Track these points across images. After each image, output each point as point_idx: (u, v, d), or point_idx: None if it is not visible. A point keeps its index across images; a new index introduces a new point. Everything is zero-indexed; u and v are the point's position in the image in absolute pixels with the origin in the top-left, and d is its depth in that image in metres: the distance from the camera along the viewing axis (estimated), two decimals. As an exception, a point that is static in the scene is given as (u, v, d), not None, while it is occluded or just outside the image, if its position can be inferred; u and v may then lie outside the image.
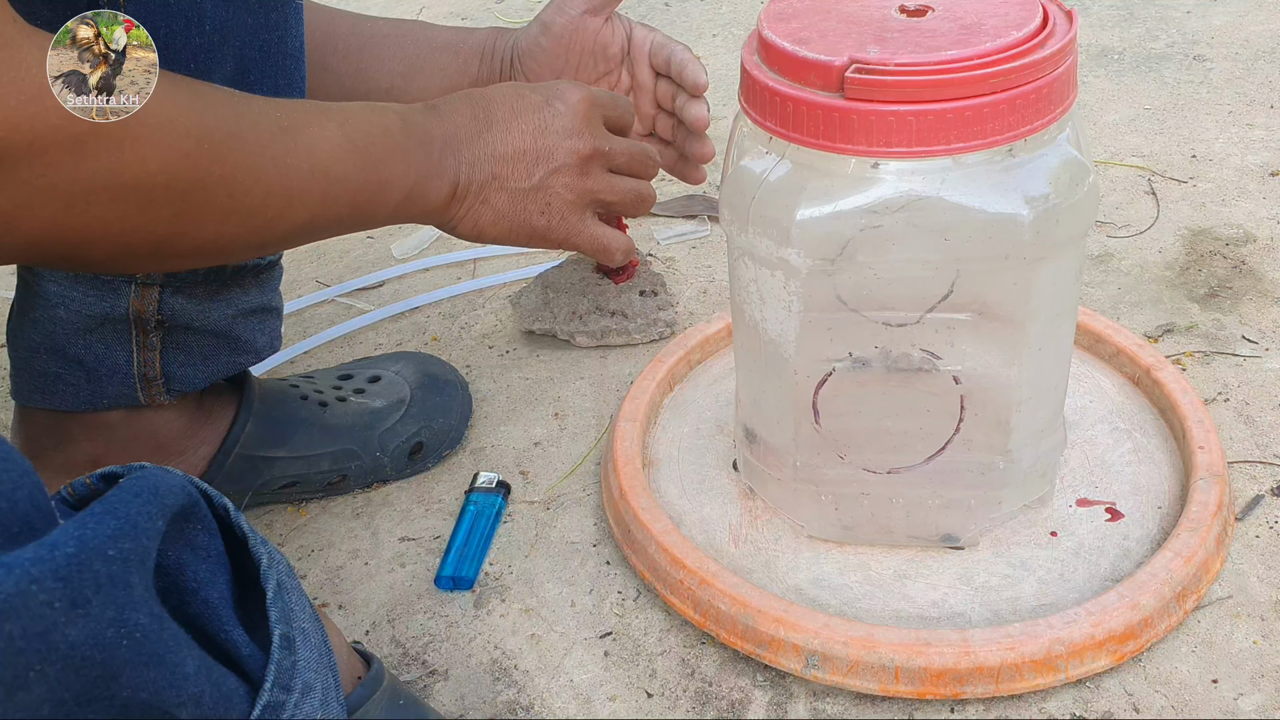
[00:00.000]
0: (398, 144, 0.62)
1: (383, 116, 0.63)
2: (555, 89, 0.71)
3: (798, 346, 0.66)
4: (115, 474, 0.43)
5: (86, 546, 0.35)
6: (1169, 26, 1.47)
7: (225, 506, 0.46)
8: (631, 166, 0.75)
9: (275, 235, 0.57)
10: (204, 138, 0.50)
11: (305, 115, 0.58)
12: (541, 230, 0.70)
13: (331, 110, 0.60)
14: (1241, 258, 1.02)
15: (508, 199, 0.68)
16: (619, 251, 0.76)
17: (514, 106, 0.69)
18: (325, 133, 0.58)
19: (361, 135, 0.60)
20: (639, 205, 0.76)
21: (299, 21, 0.71)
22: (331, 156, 0.57)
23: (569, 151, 0.70)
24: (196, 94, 0.51)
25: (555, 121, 0.70)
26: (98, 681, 0.35)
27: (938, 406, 0.67)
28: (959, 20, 0.59)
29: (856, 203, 0.60)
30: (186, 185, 0.49)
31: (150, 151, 0.47)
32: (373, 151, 0.60)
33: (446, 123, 0.66)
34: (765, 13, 0.63)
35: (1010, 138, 0.58)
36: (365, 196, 0.60)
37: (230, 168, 0.51)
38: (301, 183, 0.56)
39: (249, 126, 0.53)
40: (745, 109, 0.63)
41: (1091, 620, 0.64)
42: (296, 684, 0.43)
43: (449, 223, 0.68)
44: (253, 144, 0.53)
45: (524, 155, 0.68)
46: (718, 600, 0.68)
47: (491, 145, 0.67)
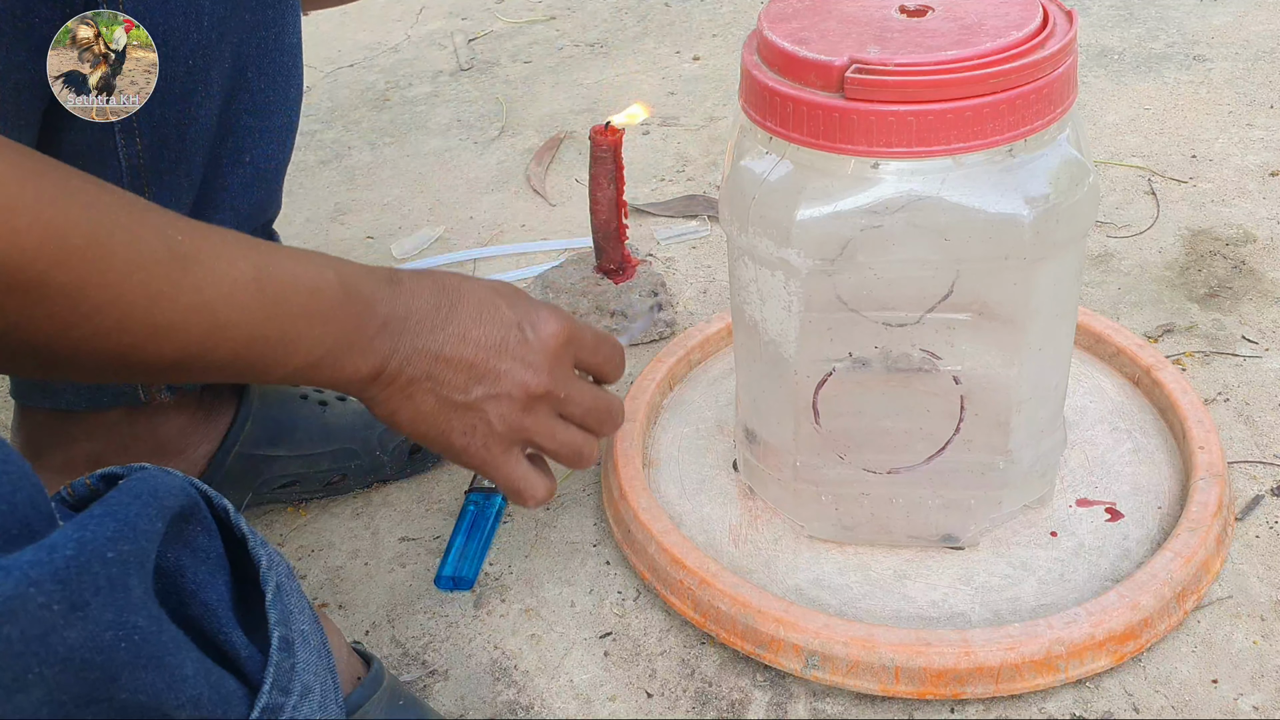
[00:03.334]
0: (323, 307, 0.55)
1: (319, 272, 0.56)
2: (535, 312, 0.64)
3: (798, 346, 0.66)
4: (115, 475, 0.43)
5: (86, 549, 0.35)
6: (1169, 26, 1.47)
7: (225, 508, 0.46)
8: (585, 419, 0.67)
9: (136, 363, 0.49)
10: (59, 240, 0.43)
11: (215, 246, 0.51)
12: (458, 449, 0.63)
13: (256, 249, 0.53)
14: (1241, 258, 1.02)
15: (435, 404, 0.61)
16: (532, 500, 0.66)
17: (481, 312, 0.62)
18: (232, 270, 0.51)
19: (279, 285, 0.53)
20: (575, 460, 0.67)
21: (296, 18, 0.71)
22: (226, 298, 0.50)
23: (517, 383, 0.62)
24: (67, 188, 0.45)
25: (517, 347, 0.62)
26: (97, 684, 0.35)
27: (938, 407, 0.67)
28: (959, 20, 0.59)
29: (856, 203, 0.60)
30: (16, 283, 0.43)
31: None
32: (286, 306, 0.53)
33: (401, 303, 0.59)
34: (765, 13, 0.63)
35: (1010, 138, 0.58)
36: (259, 350, 0.53)
37: (78, 278, 0.44)
38: (175, 317, 0.48)
39: (125, 240, 0.46)
40: (745, 109, 0.63)
41: (1091, 620, 0.64)
42: (295, 686, 0.43)
43: (364, 398, 0.60)
44: (121, 260, 0.46)
45: (469, 368, 0.61)
46: (718, 600, 0.68)
47: (439, 343, 0.60)
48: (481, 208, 1.22)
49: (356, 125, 1.43)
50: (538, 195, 1.23)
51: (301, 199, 1.26)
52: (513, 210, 1.21)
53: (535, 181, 1.25)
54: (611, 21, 1.67)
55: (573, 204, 1.21)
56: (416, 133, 1.40)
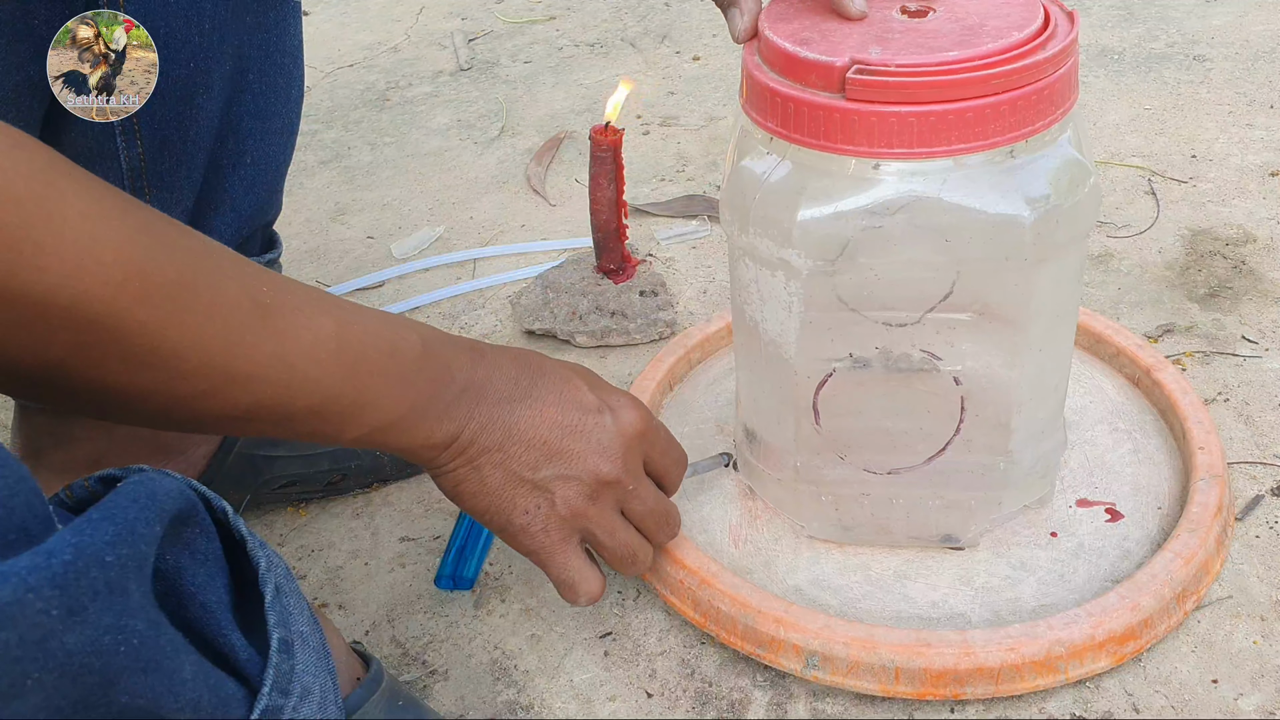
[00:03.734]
0: (402, 368, 0.54)
1: (400, 333, 0.55)
2: (619, 401, 0.63)
3: (798, 347, 0.65)
4: (114, 477, 0.43)
5: (84, 553, 0.35)
6: (1169, 26, 1.47)
7: (224, 509, 0.46)
8: (644, 520, 0.66)
9: (202, 412, 0.48)
10: (141, 279, 0.42)
11: (297, 299, 0.50)
12: (517, 528, 0.61)
13: (338, 306, 0.52)
14: (1241, 258, 1.02)
15: (502, 478, 0.59)
16: (584, 596, 0.63)
17: (563, 393, 0.61)
18: (313, 324, 0.50)
19: (360, 342, 0.52)
20: (627, 563, 0.65)
21: (297, 20, 0.71)
22: (306, 351, 0.49)
23: (589, 468, 0.61)
24: (152, 228, 0.44)
25: (596, 433, 0.61)
26: (95, 688, 0.35)
27: (938, 407, 0.67)
28: (960, 21, 0.59)
29: (857, 203, 0.60)
30: (95, 318, 0.42)
31: (54, 265, 0.40)
32: (365, 364, 0.52)
33: (480, 372, 0.58)
34: (766, 13, 0.63)
35: (1011, 139, 0.58)
36: (334, 408, 0.51)
37: (159, 317, 0.43)
38: (253, 367, 0.47)
39: (210, 285, 0.46)
40: (746, 109, 0.63)
41: (1091, 621, 0.64)
42: (295, 687, 0.43)
43: (431, 466, 0.59)
44: (204, 303, 0.45)
45: (543, 445, 0.60)
46: (718, 600, 0.68)
47: (516, 417, 0.59)
48: (481, 208, 1.22)
49: (356, 125, 1.43)
50: (538, 195, 1.23)
51: (301, 199, 1.26)
52: (513, 210, 1.21)
53: (535, 181, 1.25)
54: (611, 21, 1.67)
55: (573, 204, 1.21)
56: (416, 133, 1.40)
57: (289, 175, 0.77)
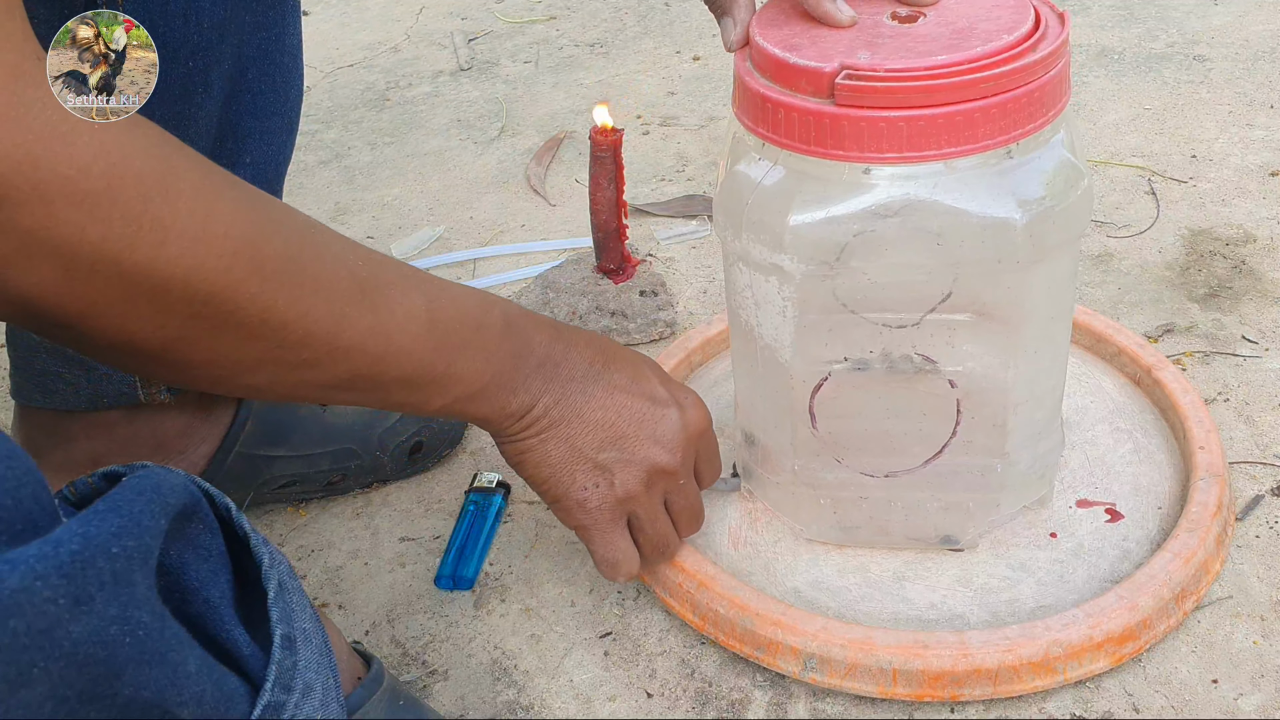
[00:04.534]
0: (487, 341, 0.57)
1: (486, 311, 0.58)
2: (686, 398, 0.65)
3: (793, 350, 0.65)
4: (117, 473, 0.43)
5: (91, 544, 0.35)
6: (1169, 26, 1.47)
7: (227, 506, 0.46)
8: (681, 514, 0.68)
9: (305, 382, 0.50)
10: (252, 252, 0.45)
11: (391, 275, 0.53)
12: (573, 503, 0.63)
13: (427, 282, 0.55)
14: (1241, 258, 1.02)
15: (565, 453, 0.62)
16: (624, 574, 0.66)
17: (634, 381, 0.63)
18: (406, 299, 0.53)
19: (449, 316, 0.55)
20: (659, 552, 0.68)
21: (297, 19, 0.71)
22: (400, 325, 0.52)
23: (651, 458, 0.63)
24: (259, 204, 0.47)
25: (661, 424, 0.63)
26: (100, 679, 0.35)
27: (934, 409, 0.67)
28: (950, 25, 0.59)
29: (849, 208, 0.60)
30: (212, 291, 0.44)
31: (173, 239, 0.42)
32: (453, 337, 0.55)
33: (559, 348, 0.61)
34: (757, 19, 0.63)
35: (1002, 142, 0.57)
36: (424, 379, 0.54)
37: (273, 290, 0.46)
38: (354, 339, 0.50)
39: (315, 259, 0.48)
40: (738, 115, 0.63)
41: (1090, 622, 0.64)
42: (297, 684, 0.43)
43: (501, 434, 0.61)
44: (311, 277, 0.48)
45: (610, 428, 0.62)
46: (716, 603, 0.68)
47: (587, 398, 0.62)
48: (481, 208, 1.22)
49: (356, 125, 1.43)
50: (538, 195, 1.23)
51: (301, 199, 1.26)
52: (513, 210, 1.21)
53: (535, 181, 1.25)
54: (611, 21, 1.67)
55: (573, 204, 1.21)
56: (416, 133, 1.40)
57: (289, 175, 0.77)
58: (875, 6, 0.62)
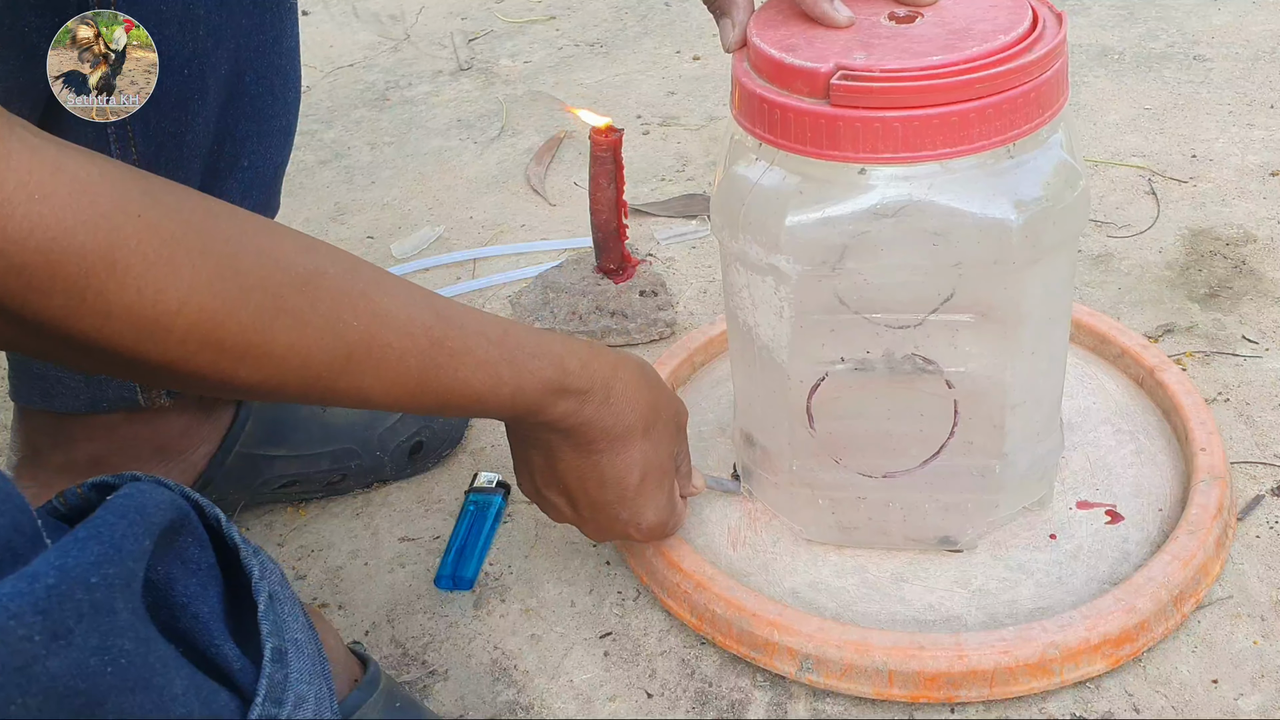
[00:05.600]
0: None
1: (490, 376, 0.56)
2: (644, 516, 0.66)
3: (790, 351, 0.65)
4: (107, 484, 0.43)
5: (68, 576, 0.35)
6: (1169, 26, 1.47)
7: (217, 517, 0.45)
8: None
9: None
10: (210, 328, 0.43)
11: (389, 337, 0.50)
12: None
13: (500, 347, 0.55)
14: (1241, 258, 1.02)
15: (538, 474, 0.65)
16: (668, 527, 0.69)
17: (614, 478, 0.64)
18: (401, 362, 0.51)
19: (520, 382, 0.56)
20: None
21: (294, 21, 0.71)
22: (387, 389, 0.51)
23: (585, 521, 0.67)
24: (237, 279, 0.44)
25: (605, 520, 0.66)
26: (82, 709, 0.35)
27: (932, 410, 0.67)
28: (947, 25, 0.59)
29: (845, 209, 0.60)
30: (164, 363, 0.43)
31: (117, 315, 0.40)
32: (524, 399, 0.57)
33: (578, 422, 0.61)
34: (755, 20, 0.63)
35: (998, 142, 0.57)
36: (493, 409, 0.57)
37: (233, 364, 0.44)
38: (337, 399, 0.50)
39: (291, 327, 0.46)
40: (736, 116, 0.63)
41: (1087, 624, 0.64)
42: (289, 697, 0.43)
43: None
44: (284, 348, 0.46)
45: (561, 490, 0.65)
46: (713, 604, 0.68)
47: (567, 470, 0.64)
48: (481, 208, 1.22)
49: (356, 125, 1.43)
50: (538, 195, 1.23)
51: (301, 199, 1.26)
52: (513, 210, 1.21)
53: (535, 181, 1.25)
54: (611, 21, 1.67)
55: (573, 204, 1.21)
56: (416, 133, 1.40)
57: (288, 175, 0.77)
58: (873, 7, 0.62)
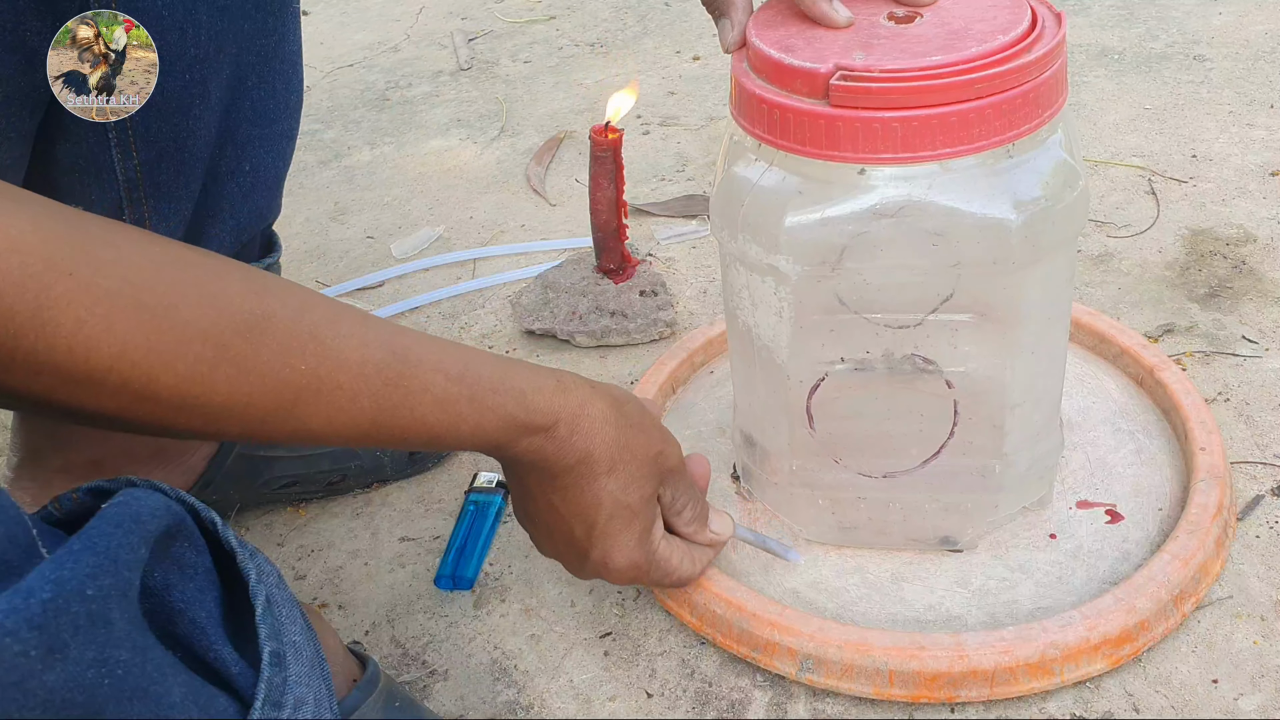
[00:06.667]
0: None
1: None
2: (613, 557, 0.62)
3: (790, 351, 0.65)
4: (103, 488, 0.43)
5: (64, 589, 0.35)
6: (1169, 26, 1.47)
7: (213, 521, 0.45)
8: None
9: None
10: (145, 382, 0.41)
11: (342, 378, 0.47)
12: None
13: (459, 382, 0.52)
14: (1241, 258, 1.02)
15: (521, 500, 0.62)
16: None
17: (576, 517, 0.61)
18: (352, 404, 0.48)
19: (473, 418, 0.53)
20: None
21: (296, 24, 0.71)
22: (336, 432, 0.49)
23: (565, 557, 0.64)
24: (176, 331, 0.42)
25: (573, 560, 0.63)
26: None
27: (932, 410, 0.67)
28: (946, 26, 0.59)
29: (845, 209, 0.60)
30: (99, 412, 0.41)
31: (48, 373, 0.39)
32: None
33: (550, 456, 0.57)
34: (754, 20, 0.63)
35: (998, 142, 0.57)
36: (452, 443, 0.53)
37: (172, 415, 0.43)
38: (283, 439, 0.47)
39: (236, 375, 0.44)
40: (735, 116, 0.63)
41: (1087, 624, 0.64)
42: (288, 700, 0.43)
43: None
44: (226, 395, 0.44)
45: (537, 527, 0.63)
46: (713, 604, 0.68)
47: (539, 505, 0.61)
48: (481, 208, 1.22)
49: (356, 125, 1.43)
50: (538, 195, 1.23)
51: (301, 199, 1.26)
52: (513, 210, 1.21)
53: (535, 181, 1.25)
54: (611, 21, 1.67)
55: (573, 204, 1.21)
56: (416, 133, 1.40)
57: (288, 175, 0.77)
58: (872, 7, 0.62)
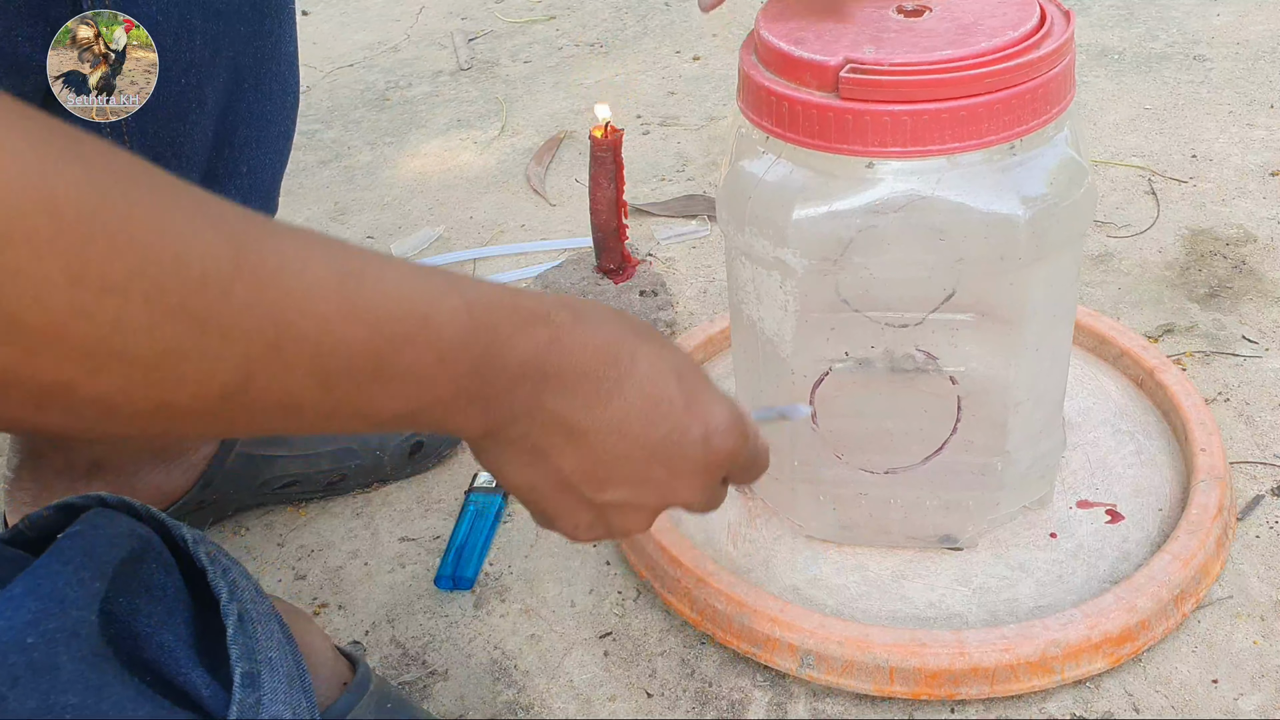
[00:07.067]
0: (437, 340, 0.40)
1: (436, 294, 0.40)
2: (715, 416, 0.49)
3: (794, 346, 0.65)
4: (72, 505, 0.43)
5: (1, 641, 0.34)
6: (1169, 26, 1.47)
7: (184, 538, 0.45)
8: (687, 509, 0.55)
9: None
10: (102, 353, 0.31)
11: (286, 246, 0.35)
12: (555, 528, 0.50)
13: (344, 252, 0.38)
14: (1241, 258, 1.02)
15: (553, 486, 0.48)
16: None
17: (651, 399, 0.47)
18: (306, 272, 0.35)
19: (374, 300, 0.37)
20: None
21: (292, 27, 0.71)
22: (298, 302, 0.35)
23: (662, 499, 0.50)
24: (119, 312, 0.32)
25: (678, 458, 0.48)
26: None
27: (934, 407, 0.67)
28: (956, 20, 0.59)
29: (852, 203, 0.60)
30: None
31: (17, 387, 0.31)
32: (382, 329, 0.37)
33: (553, 355, 0.44)
34: (763, 13, 0.63)
35: (1006, 138, 0.57)
36: (339, 388, 0.37)
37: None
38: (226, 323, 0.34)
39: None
40: (742, 109, 0.63)
41: (1088, 622, 0.64)
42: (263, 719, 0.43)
43: (472, 446, 0.47)
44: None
45: (612, 465, 0.47)
46: (714, 599, 0.68)
47: (586, 424, 0.46)
48: (481, 208, 1.22)
49: (356, 125, 1.43)
50: (538, 195, 1.23)
51: (301, 199, 1.26)
52: (513, 210, 1.21)
53: (535, 181, 1.25)
54: (611, 21, 1.67)
55: (573, 204, 1.21)
56: (416, 133, 1.40)
57: (288, 175, 0.77)
58: (882, 1, 0.62)
